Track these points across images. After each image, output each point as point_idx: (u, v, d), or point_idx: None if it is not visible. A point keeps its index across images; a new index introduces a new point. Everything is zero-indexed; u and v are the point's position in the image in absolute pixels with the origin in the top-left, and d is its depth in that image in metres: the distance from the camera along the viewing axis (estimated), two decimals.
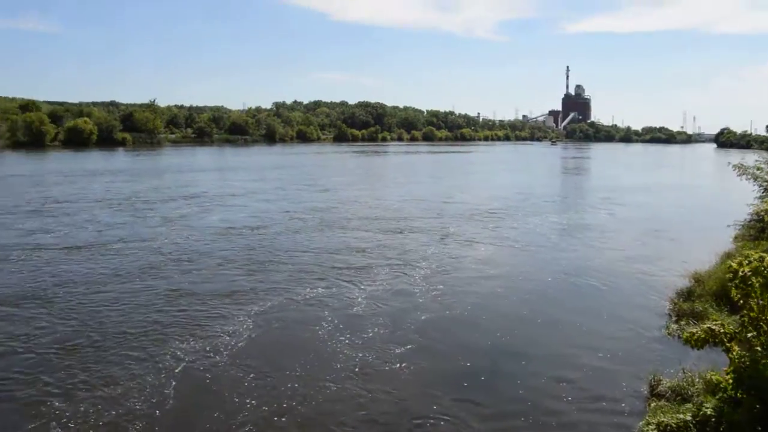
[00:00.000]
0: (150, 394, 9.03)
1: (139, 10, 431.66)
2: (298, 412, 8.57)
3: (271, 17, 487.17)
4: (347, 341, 11.26)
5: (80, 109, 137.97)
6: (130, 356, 10.46)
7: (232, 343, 11.07)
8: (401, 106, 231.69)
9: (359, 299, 13.97)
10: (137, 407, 8.65)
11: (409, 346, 11.06)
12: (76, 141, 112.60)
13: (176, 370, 9.90)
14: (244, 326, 11.99)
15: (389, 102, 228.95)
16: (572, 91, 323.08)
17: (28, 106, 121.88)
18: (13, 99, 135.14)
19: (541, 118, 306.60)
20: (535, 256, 19.34)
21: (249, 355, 10.57)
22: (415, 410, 8.70)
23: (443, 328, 12.24)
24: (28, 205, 28.83)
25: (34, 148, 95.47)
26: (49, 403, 8.70)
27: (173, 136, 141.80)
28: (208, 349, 10.81)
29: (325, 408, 8.72)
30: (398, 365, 10.22)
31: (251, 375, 9.73)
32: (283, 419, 8.37)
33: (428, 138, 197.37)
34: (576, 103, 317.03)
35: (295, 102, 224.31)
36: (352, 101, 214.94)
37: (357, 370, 10.01)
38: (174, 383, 9.44)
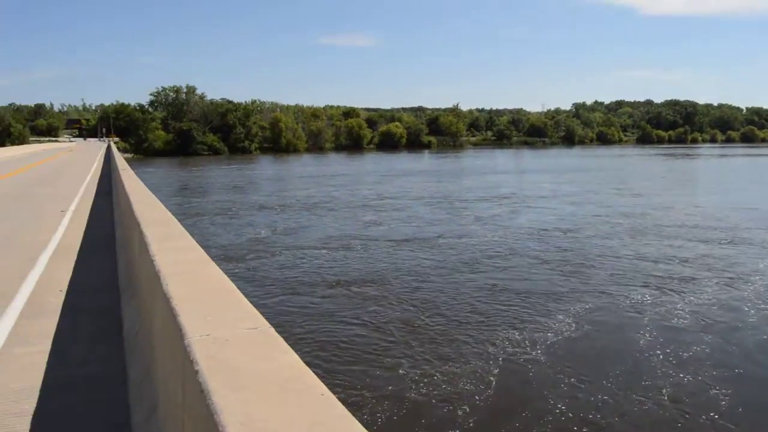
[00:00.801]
0: (475, 378, 9.71)
1: (443, 21, 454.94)
2: (604, 426, 8.40)
3: (571, 14, 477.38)
4: (665, 356, 10.69)
5: (392, 115, 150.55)
6: (457, 340, 11.36)
7: (550, 342, 11.34)
8: (715, 104, 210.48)
9: (681, 312, 13.23)
10: (464, 387, 9.39)
11: (735, 371, 10.09)
12: (388, 144, 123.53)
13: (498, 359, 10.48)
14: (562, 326, 12.18)
15: (701, 99, 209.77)
16: None
17: (349, 113, 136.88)
18: (338, 107, 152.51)
19: None
20: None
21: (565, 356, 10.71)
22: None
23: None
24: (361, 200, 32.91)
25: (353, 150, 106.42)
26: (396, 370, 9.92)
27: (474, 138, 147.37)
28: (527, 343, 11.24)
29: (635, 427, 8.42)
30: (720, 391, 9.35)
31: (566, 377, 9.83)
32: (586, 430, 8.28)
33: (748, 139, 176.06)
34: None
35: (595, 102, 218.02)
36: (657, 100, 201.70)
37: (671, 389, 9.41)
38: (496, 371, 10.00)
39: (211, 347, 2.68)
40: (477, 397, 9.12)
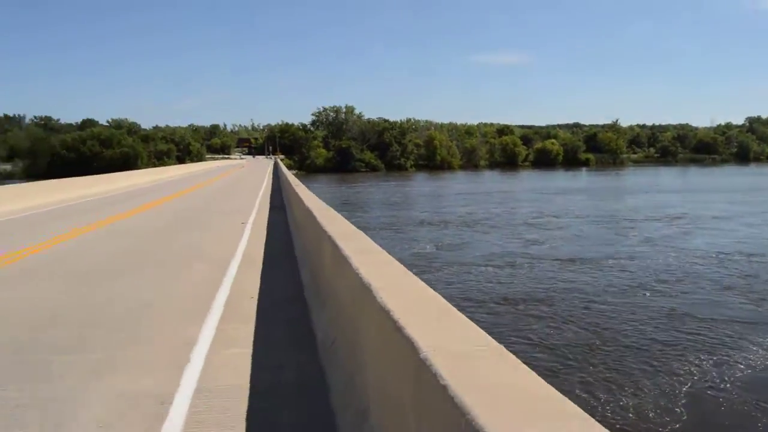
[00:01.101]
0: (660, 408, 9.12)
1: (597, 33, 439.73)
2: None
3: (742, 20, 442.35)
4: None
5: (547, 132, 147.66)
6: (636, 367, 10.76)
7: (744, 376, 10.43)
8: None
9: None
10: (648, 415, 8.86)
11: None
12: (544, 161, 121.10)
13: (684, 389, 9.79)
14: (755, 357, 11.18)
15: None
16: None
17: (503, 130, 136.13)
18: (492, 124, 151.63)
19: None
20: None
21: (762, 391, 9.80)
22: None
23: None
24: (522, 218, 32.72)
25: (508, 168, 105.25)
26: (573, 392, 9.43)
27: (635, 155, 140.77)
28: (715, 374, 10.41)
29: None
30: None
31: (764, 416, 8.96)
32: None
33: None
34: None
35: None
36: None
37: None
38: (682, 402, 9.36)
39: (448, 361, 2.66)
40: (662, 429, 8.57)
